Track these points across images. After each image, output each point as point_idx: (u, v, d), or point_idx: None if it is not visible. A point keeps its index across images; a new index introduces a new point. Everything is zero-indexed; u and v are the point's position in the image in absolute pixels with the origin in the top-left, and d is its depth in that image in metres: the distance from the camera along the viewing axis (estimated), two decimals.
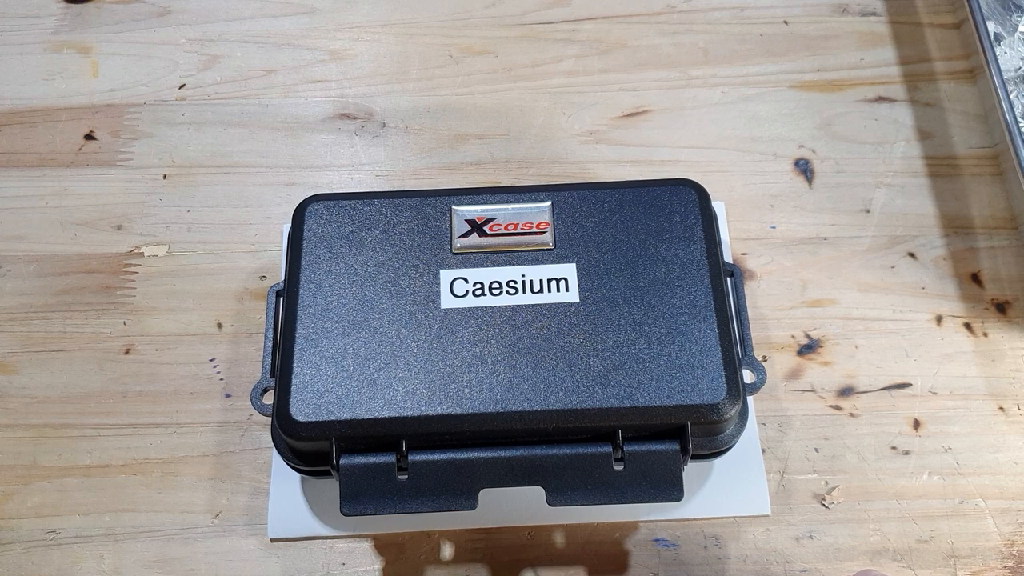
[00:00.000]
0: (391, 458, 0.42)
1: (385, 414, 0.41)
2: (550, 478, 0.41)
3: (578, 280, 0.45)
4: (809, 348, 0.52)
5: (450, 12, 0.63)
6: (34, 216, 0.56)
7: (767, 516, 0.47)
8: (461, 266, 0.45)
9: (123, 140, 0.59)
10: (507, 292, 0.45)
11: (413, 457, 0.42)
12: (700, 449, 0.43)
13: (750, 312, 0.52)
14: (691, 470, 0.48)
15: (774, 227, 0.55)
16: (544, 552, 0.47)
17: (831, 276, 0.54)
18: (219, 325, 0.53)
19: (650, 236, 0.46)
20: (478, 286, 0.45)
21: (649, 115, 0.59)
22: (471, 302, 0.44)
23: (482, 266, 0.45)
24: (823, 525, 0.47)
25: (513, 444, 0.42)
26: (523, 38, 0.62)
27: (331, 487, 0.47)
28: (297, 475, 0.47)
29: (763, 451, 0.49)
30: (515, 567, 0.47)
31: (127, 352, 0.52)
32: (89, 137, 0.59)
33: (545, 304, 0.44)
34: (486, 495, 0.42)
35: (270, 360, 0.46)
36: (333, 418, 0.41)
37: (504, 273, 0.45)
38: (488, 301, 0.44)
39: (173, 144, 0.59)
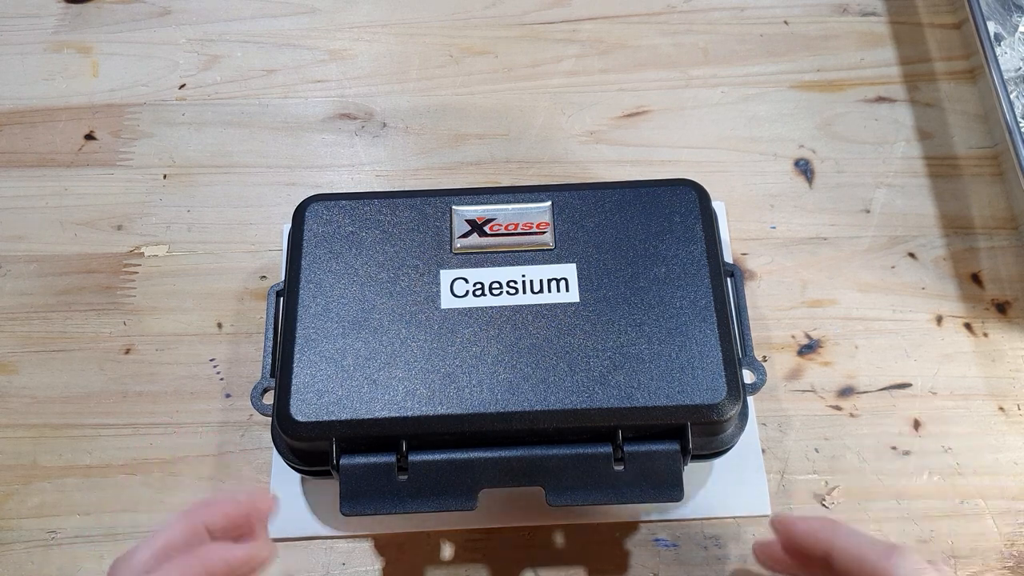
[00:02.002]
0: (391, 458, 0.42)
1: (385, 414, 0.41)
2: (550, 478, 0.41)
3: (578, 280, 0.45)
4: (809, 348, 0.52)
5: (450, 12, 0.63)
6: (34, 216, 0.56)
7: (767, 516, 0.47)
8: (461, 266, 0.45)
9: (123, 140, 0.59)
10: (507, 292, 0.45)
11: (413, 457, 0.42)
12: (700, 449, 0.43)
13: (750, 312, 0.52)
14: (691, 470, 0.47)
15: (774, 227, 0.55)
16: (544, 552, 0.47)
17: (831, 276, 0.54)
18: (219, 325, 0.53)
19: (650, 236, 0.46)
20: (478, 286, 0.45)
21: (649, 115, 0.59)
22: (471, 302, 0.44)
23: (482, 266, 0.45)
24: None
25: (513, 444, 0.42)
26: (523, 38, 0.62)
27: (331, 487, 0.47)
28: (297, 475, 0.47)
29: (763, 451, 0.49)
30: (515, 567, 0.47)
31: (127, 352, 0.52)
32: (89, 137, 0.59)
33: (545, 304, 0.44)
34: (486, 495, 0.42)
35: (270, 360, 0.46)
36: (333, 418, 0.41)
37: (504, 273, 0.45)
38: (488, 301, 0.44)
39: (173, 144, 0.59)
